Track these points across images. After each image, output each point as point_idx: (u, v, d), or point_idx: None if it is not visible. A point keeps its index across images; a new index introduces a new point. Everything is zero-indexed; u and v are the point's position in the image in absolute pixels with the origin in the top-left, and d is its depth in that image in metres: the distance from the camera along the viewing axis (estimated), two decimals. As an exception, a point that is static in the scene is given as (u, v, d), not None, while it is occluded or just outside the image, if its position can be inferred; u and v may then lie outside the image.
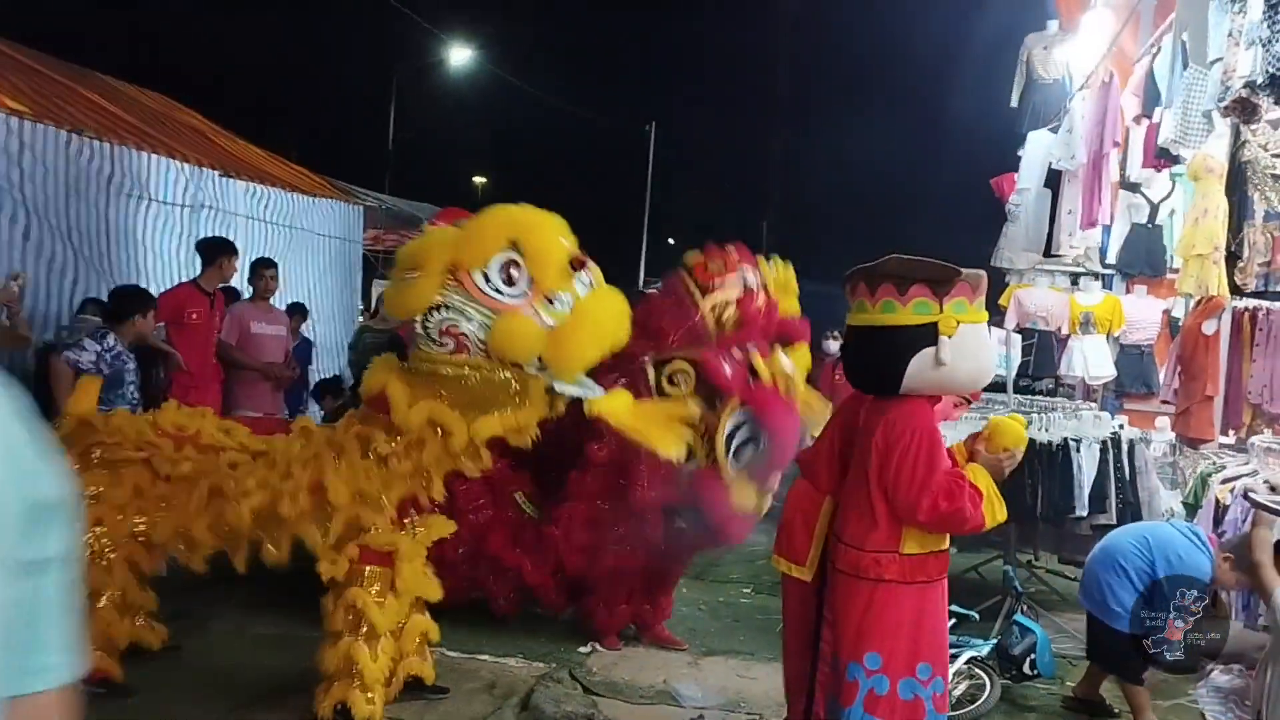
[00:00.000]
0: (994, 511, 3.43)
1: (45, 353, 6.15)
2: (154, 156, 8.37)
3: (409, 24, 22.01)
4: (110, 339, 5.69)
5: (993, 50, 12.03)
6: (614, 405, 4.14)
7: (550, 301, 3.92)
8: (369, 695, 4.20)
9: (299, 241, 10.33)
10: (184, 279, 7.80)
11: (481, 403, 3.99)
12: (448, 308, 3.90)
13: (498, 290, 3.88)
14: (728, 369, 5.13)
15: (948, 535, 3.60)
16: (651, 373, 5.22)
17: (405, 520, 4.31)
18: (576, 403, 4.16)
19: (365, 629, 4.20)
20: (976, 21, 14.47)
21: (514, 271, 3.88)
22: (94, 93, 9.07)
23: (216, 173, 9.05)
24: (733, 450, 5.11)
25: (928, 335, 3.42)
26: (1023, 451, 3.68)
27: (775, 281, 5.45)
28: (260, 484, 4.20)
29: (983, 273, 3.56)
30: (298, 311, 9.31)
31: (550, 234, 3.99)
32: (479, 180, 38.79)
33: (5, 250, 6.93)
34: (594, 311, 4.01)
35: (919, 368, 3.41)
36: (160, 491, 4.37)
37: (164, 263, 8.70)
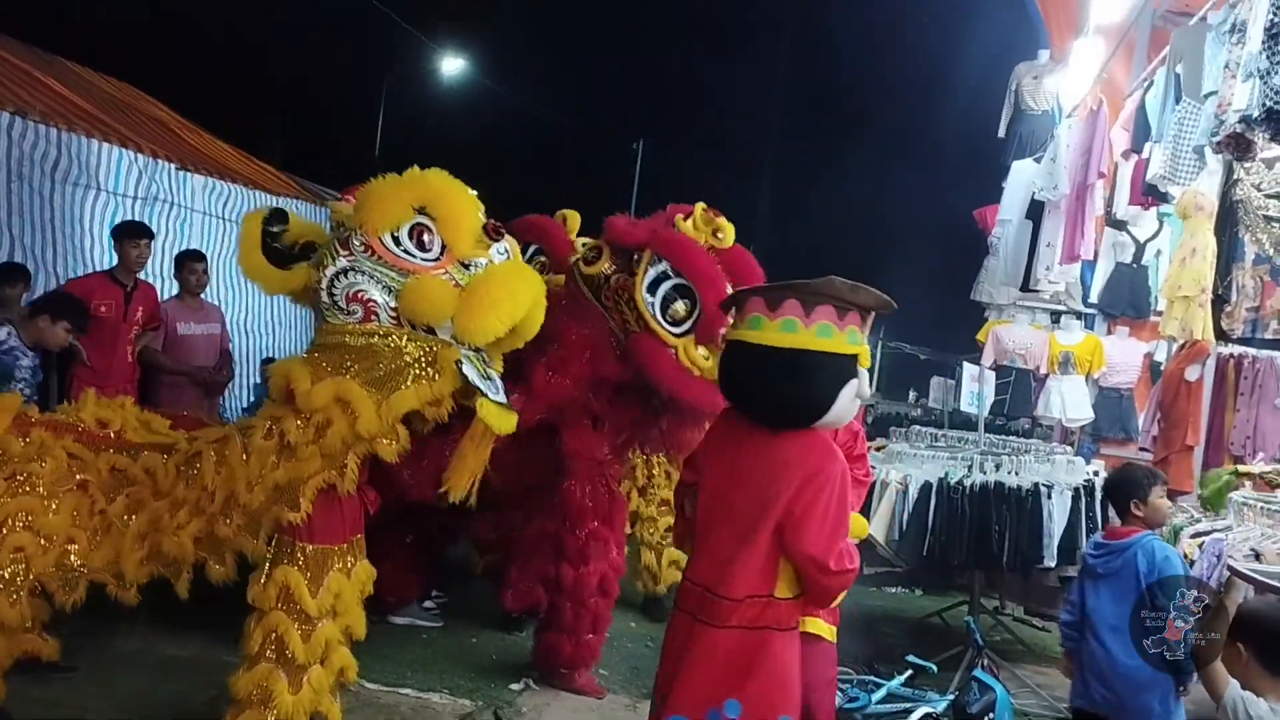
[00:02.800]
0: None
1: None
2: (105, 145, 8.01)
3: (403, 33, 21.86)
4: (2, 332, 5.37)
5: (983, 80, 11.82)
6: (505, 422, 3.80)
7: (466, 267, 3.71)
8: None
9: (259, 241, 9.96)
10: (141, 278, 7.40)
11: (393, 376, 3.68)
12: (355, 271, 3.66)
13: (408, 253, 3.66)
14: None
15: None
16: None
17: (342, 544, 3.96)
18: None
19: (285, 657, 3.84)
20: (968, 51, 14.27)
21: (426, 236, 3.68)
22: (50, 77, 8.73)
23: (173, 165, 8.70)
24: (659, 305, 4.74)
25: (852, 366, 3.15)
26: None
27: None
28: (194, 510, 3.83)
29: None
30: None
31: (462, 199, 3.80)
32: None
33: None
34: (509, 275, 3.76)
35: (845, 399, 3.12)
36: (96, 523, 3.94)
37: (113, 256, 8.34)
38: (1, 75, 7.82)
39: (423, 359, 3.69)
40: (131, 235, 6.65)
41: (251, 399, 8.30)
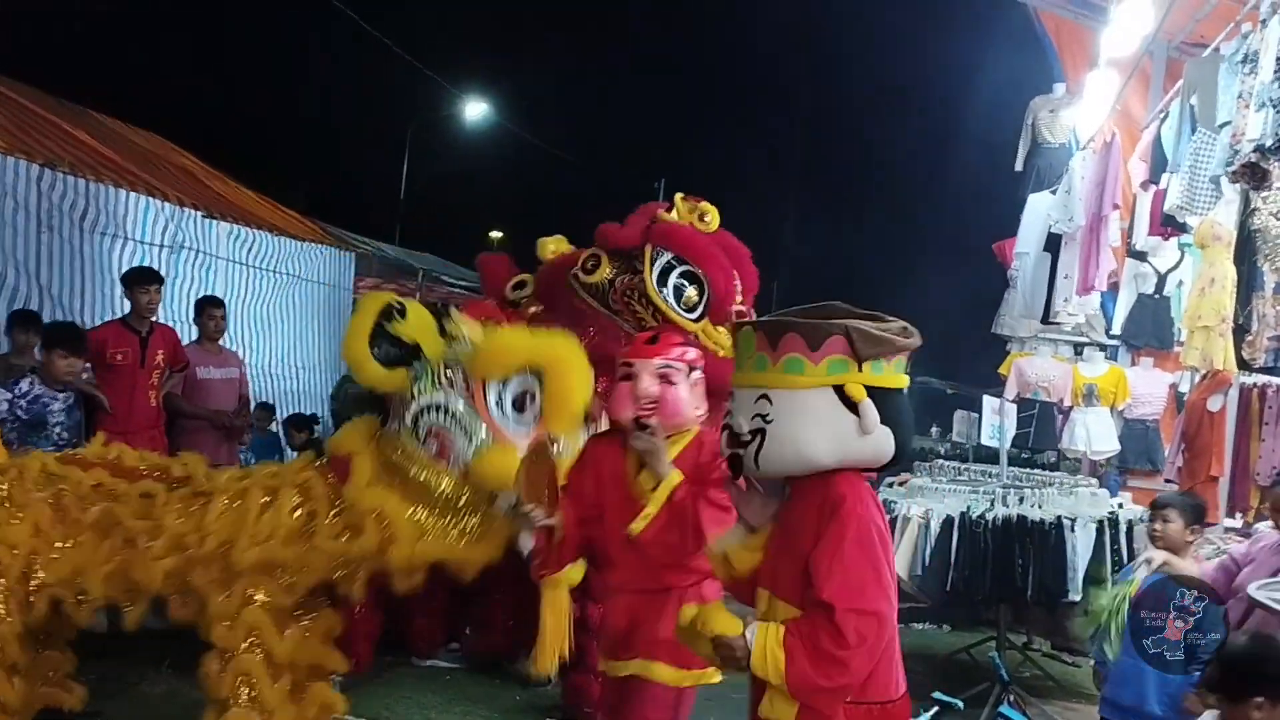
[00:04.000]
0: None
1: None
2: (133, 194, 8.15)
3: (427, 80, 22.20)
4: (24, 383, 5.44)
5: (1000, 115, 11.85)
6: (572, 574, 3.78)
7: (552, 444, 3.65)
8: None
9: (284, 287, 10.09)
10: (160, 321, 7.47)
11: (438, 523, 3.69)
12: (445, 410, 3.66)
13: (504, 414, 3.66)
14: None
15: None
16: None
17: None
18: None
19: (256, 701, 3.81)
20: (984, 87, 14.32)
21: (529, 400, 3.67)
22: (80, 129, 8.89)
23: (199, 213, 8.83)
24: (672, 295, 4.74)
25: None
26: None
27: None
28: (174, 544, 3.82)
29: None
30: None
31: (579, 378, 3.66)
32: (495, 235, 38.81)
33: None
34: None
35: None
36: (62, 533, 3.92)
37: (137, 304, 8.45)
38: (31, 128, 7.98)
39: (473, 522, 3.70)
40: (141, 281, 6.66)
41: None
